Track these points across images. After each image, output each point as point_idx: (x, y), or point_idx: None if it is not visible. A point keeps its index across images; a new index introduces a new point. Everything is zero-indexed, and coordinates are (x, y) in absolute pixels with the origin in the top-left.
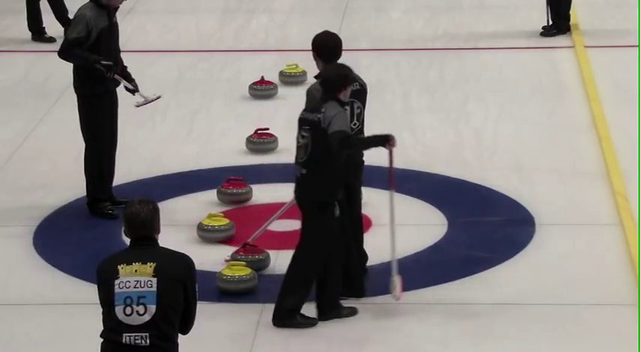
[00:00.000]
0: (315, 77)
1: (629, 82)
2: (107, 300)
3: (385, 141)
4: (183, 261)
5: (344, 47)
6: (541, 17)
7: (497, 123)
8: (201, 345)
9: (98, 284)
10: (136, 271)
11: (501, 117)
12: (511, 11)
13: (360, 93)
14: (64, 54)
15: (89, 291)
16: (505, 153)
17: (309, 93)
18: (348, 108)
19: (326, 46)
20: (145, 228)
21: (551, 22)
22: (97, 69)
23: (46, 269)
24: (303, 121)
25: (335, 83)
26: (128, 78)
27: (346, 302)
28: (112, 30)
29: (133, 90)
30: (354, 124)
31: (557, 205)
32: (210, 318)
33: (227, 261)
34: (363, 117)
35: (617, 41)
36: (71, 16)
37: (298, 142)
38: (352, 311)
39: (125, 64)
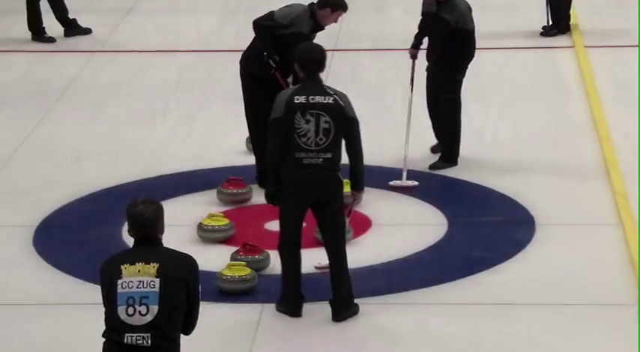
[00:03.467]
0: None
1: (629, 82)
2: (109, 300)
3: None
4: (186, 262)
5: (344, 47)
6: (541, 17)
7: (497, 123)
8: (201, 345)
9: (101, 284)
10: (139, 271)
11: (501, 117)
12: (511, 11)
13: (332, 108)
14: (258, 25)
15: (89, 291)
16: (505, 153)
17: None
18: (312, 119)
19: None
20: (149, 228)
21: (551, 22)
22: (264, 57)
23: (46, 269)
24: None
25: None
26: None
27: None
28: (304, 38)
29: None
30: (320, 139)
31: (557, 205)
32: (210, 318)
33: (317, 267)
34: (335, 136)
35: (617, 41)
36: (71, 16)
37: None
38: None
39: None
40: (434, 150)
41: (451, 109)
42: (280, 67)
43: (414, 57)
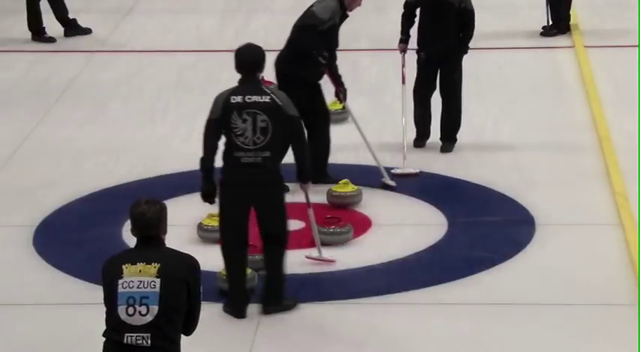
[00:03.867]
0: None
1: (629, 82)
2: (110, 300)
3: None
4: (187, 262)
5: (344, 47)
6: (541, 17)
7: (497, 123)
8: (201, 345)
9: (103, 284)
10: (140, 271)
11: (501, 117)
12: (511, 11)
13: (269, 107)
14: (303, 26)
15: (89, 291)
16: (505, 153)
17: None
18: (249, 119)
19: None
20: (152, 228)
21: (551, 22)
22: (314, 56)
23: (46, 269)
24: None
25: None
26: (338, 81)
27: None
28: (337, 29)
29: (339, 95)
30: (258, 139)
31: (557, 205)
32: (210, 318)
33: (308, 257)
34: (272, 135)
35: (617, 41)
36: (71, 16)
37: None
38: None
39: (340, 74)
40: (419, 144)
41: (458, 89)
42: (328, 63)
43: (403, 51)
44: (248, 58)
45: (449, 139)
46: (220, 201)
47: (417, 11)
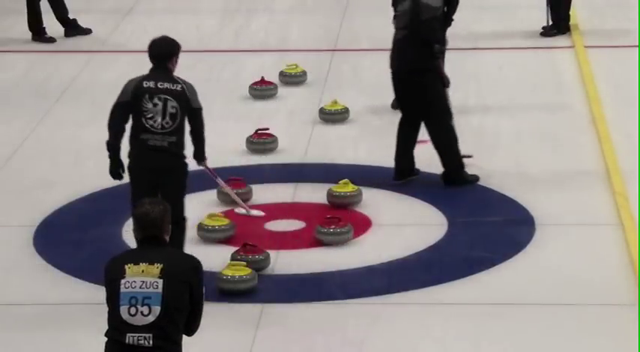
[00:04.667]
0: None
1: (629, 82)
2: (112, 299)
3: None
4: (190, 263)
5: (344, 47)
6: (541, 17)
7: (497, 123)
8: (201, 345)
9: (105, 283)
10: (142, 271)
11: (501, 117)
12: (511, 11)
13: (179, 95)
14: (424, 21)
15: (89, 291)
16: (505, 153)
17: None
18: (160, 103)
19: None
20: (155, 228)
21: (551, 22)
22: (436, 47)
23: (46, 270)
24: None
25: None
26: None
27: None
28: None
29: (444, 81)
30: (167, 123)
31: (557, 205)
32: (210, 318)
33: None
34: (180, 121)
35: (617, 41)
36: (71, 16)
37: None
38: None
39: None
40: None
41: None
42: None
43: None
44: (162, 49)
45: None
46: (130, 185)
47: None
